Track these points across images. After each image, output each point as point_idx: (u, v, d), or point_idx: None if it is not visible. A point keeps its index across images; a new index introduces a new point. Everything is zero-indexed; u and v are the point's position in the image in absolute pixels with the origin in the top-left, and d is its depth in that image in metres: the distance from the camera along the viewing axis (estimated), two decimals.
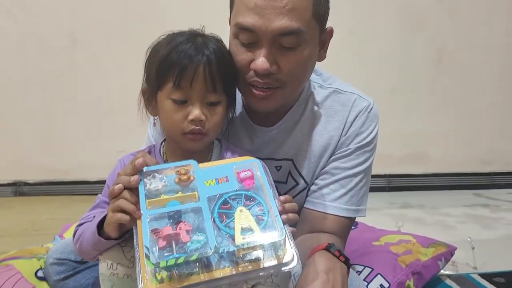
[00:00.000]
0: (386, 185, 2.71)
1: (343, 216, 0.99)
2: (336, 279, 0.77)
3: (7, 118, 2.37)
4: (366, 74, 2.55)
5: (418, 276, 1.27)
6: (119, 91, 2.39)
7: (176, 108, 0.81)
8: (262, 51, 0.84)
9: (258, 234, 0.66)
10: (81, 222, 0.85)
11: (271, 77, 0.86)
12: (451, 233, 1.92)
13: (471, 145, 2.77)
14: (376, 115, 1.04)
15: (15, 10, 2.30)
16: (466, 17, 2.65)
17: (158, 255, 0.63)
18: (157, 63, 0.82)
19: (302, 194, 1.03)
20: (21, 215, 2.09)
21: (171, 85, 0.80)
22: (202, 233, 0.66)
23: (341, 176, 1.00)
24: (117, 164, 0.91)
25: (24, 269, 1.06)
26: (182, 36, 0.83)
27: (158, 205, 0.70)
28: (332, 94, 1.03)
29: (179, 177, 0.73)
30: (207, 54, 0.80)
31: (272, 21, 0.82)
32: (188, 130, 0.81)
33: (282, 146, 1.01)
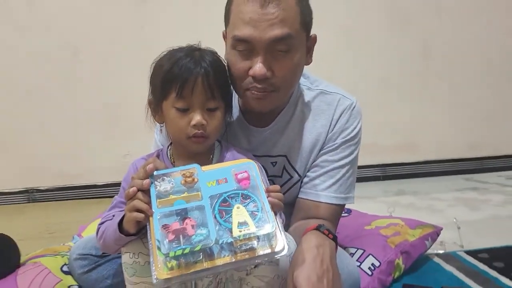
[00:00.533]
0: (380, 174, 2.83)
1: (333, 203, 1.10)
2: (325, 252, 0.89)
3: (18, 128, 2.47)
4: (358, 70, 2.66)
5: (407, 255, 1.39)
6: (122, 100, 2.51)
7: (180, 116, 0.92)
8: (259, 59, 0.95)
9: (252, 227, 0.77)
10: (103, 221, 0.95)
11: (267, 82, 0.97)
12: (440, 215, 2.04)
13: (459, 133, 2.89)
14: (359, 112, 1.15)
15: (23, 24, 2.40)
16: (451, 12, 2.76)
17: (168, 246, 0.74)
18: (161, 76, 0.93)
19: (296, 186, 1.15)
20: (36, 220, 2.20)
21: (174, 96, 0.91)
22: (205, 227, 0.77)
23: (329, 168, 1.11)
24: (130, 168, 1.01)
25: (51, 265, 1.17)
26: (181, 51, 0.94)
27: (167, 204, 0.81)
28: (319, 95, 1.14)
29: (184, 179, 0.84)
30: (204, 66, 0.91)
31: (266, 32, 0.93)
32: (191, 134, 0.92)
33: (276, 144, 1.13)
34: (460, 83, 2.84)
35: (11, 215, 2.33)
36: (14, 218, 2.28)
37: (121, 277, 1.14)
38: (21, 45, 2.41)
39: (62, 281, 1.13)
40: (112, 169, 2.52)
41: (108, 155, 2.53)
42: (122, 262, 0.92)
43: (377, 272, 1.29)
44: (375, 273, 1.29)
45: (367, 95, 2.64)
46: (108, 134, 2.54)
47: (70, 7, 2.41)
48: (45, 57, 2.43)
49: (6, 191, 2.50)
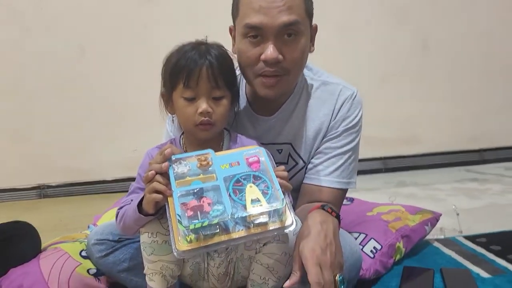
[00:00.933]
0: (382, 167, 2.88)
1: (335, 187, 1.17)
2: (328, 228, 0.96)
3: (29, 126, 2.55)
4: (357, 65, 2.72)
5: (407, 239, 1.44)
6: (129, 97, 2.57)
7: (187, 105, 0.98)
8: (270, 43, 1.02)
9: (264, 203, 0.84)
10: (122, 206, 1.01)
11: (278, 65, 1.03)
12: (440, 204, 2.09)
13: (459, 125, 2.95)
14: (359, 101, 1.21)
15: (30, 25, 2.48)
16: (447, 6, 2.81)
17: (188, 220, 0.81)
18: (170, 69, 1.00)
19: (301, 172, 1.21)
20: (49, 214, 2.27)
21: (182, 86, 0.98)
22: (220, 204, 0.83)
23: (332, 154, 1.18)
24: (145, 156, 1.07)
25: (70, 250, 1.23)
26: (189, 45, 1.01)
27: (185, 184, 0.87)
28: (321, 85, 1.20)
29: (200, 162, 0.90)
30: (209, 58, 0.98)
31: (276, 18, 1.00)
32: (198, 122, 0.98)
33: (281, 132, 1.19)
34: (459, 76, 2.90)
35: (24, 210, 2.40)
36: (27, 213, 2.35)
37: (137, 260, 1.21)
38: (28, 45, 2.49)
39: (82, 265, 1.19)
40: (121, 165, 2.59)
41: (117, 151, 2.60)
42: (141, 242, 0.98)
43: (378, 255, 1.35)
44: (377, 256, 1.34)
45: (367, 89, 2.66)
46: (116, 131, 2.60)
47: (75, 7, 2.49)
48: (51, 56, 2.51)
49: (19, 187, 2.58)
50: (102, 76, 2.57)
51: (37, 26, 2.48)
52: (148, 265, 0.99)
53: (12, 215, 2.30)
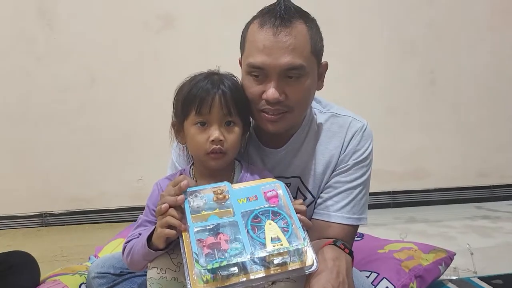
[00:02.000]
0: (391, 202, 2.83)
1: (346, 224, 1.12)
2: (341, 265, 0.91)
3: (33, 152, 2.53)
4: (364, 98, 2.71)
5: (421, 279, 1.39)
6: (136, 126, 2.57)
7: (199, 132, 0.96)
8: (272, 84, 1.00)
9: (285, 242, 0.80)
10: (129, 239, 0.98)
11: (280, 104, 1.02)
12: (452, 242, 2.03)
13: (468, 160, 2.91)
14: (370, 134, 1.18)
15: (41, 54, 2.50)
16: (453, 40, 2.83)
17: (205, 259, 0.77)
18: (182, 98, 0.99)
19: (310, 207, 1.17)
20: (50, 244, 2.22)
21: (194, 113, 0.96)
22: (239, 242, 0.79)
23: (342, 189, 1.13)
24: (154, 188, 1.04)
25: (70, 282, 1.19)
26: (201, 75, 1.01)
27: (201, 219, 0.84)
28: (331, 118, 1.18)
29: (216, 196, 0.87)
30: (222, 87, 0.97)
31: (279, 59, 0.98)
32: (210, 150, 0.96)
33: (290, 165, 1.16)
34: (466, 109, 2.88)
35: (25, 239, 2.35)
36: (28, 241, 2.31)
37: None
38: (39, 73, 2.51)
39: None
40: (125, 194, 2.56)
41: (121, 180, 2.58)
42: (148, 277, 0.94)
43: None
44: None
45: (375, 122, 2.65)
46: (122, 160, 2.58)
47: (87, 37, 2.52)
48: (60, 85, 2.52)
49: (20, 215, 2.54)
50: (109, 106, 2.57)
51: (48, 54, 2.51)
52: None
53: (13, 243, 2.27)
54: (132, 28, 2.56)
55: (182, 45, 2.58)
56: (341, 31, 2.65)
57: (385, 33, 2.77)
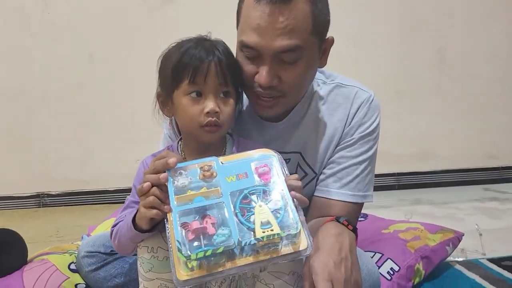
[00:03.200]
0: (395, 183, 2.76)
1: (350, 201, 1.05)
2: (344, 241, 0.84)
3: (30, 133, 2.48)
4: (371, 78, 2.60)
5: (427, 260, 1.33)
6: (133, 104, 2.50)
7: (193, 103, 0.88)
8: (265, 67, 0.92)
9: (276, 227, 0.73)
10: (116, 223, 0.91)
11: (273, 89, 0.94)
12: (459, 224, 1.97)
13: (477, 142, 2.82)
14: (377, 106, 1.10)
15: (38, 32, 2.43)
16: (465, 18, 2.72)
17: (189, 247, 0.70)
18: (172, 65, 0.90)
19: (311, 184, 1.10)
20: (46, 224, 2.18)
21: (187, 82, 0.88)
22: (226, 227, 0.73)
23: (347, 165, 1.06)
24: (140, 166, 0.97)
25: (58, 262, 1.14)
26: (191, 41, 0.92)
27: (186, 200, 0.77)
28: (335, 89, 1.10)
29: (203, 173, 0.80)
30: (217, 54, 0.89)
31: (273, 41, 0.89)
32: (205, 122, 0.88)
33: (290, 140, 1.08)
34: (476, 90, 2.79)
35: (22, 219, 2.32)
36: (25, 222, 2.27)
37: (130, 276, 1.12)
38: (36, 51, 2.43)
39: (69, 279, 1.10)
40: (123, 175, 2.50)
41: (119, 160, 2.52)
42: (138, 256, 0.88)
43: (396, 277, 1.24)
44: (394, 278, 1.24)
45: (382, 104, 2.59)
46: (120, 140, 2.53)
47: (84, 14, 2.43)
48: (57, 64, 2.45)
49: (18, 195, 2.50)
50: (107, 84, 2.50)
51: (43, 30, 2.43)
52: (144, 283, 0.88)
53: (10, 223, 2.21)
54: (130, 2, 2.47)
55: (182, 19, 2.49)
56: (346, 10, 2.54)
57: (393, 11, 2.66)
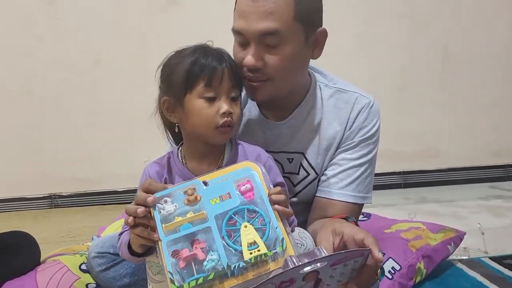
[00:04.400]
0: (401, 182, 2.78)
1: (351, 202, 1.09)
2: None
3: (41, 135, 2.53)
4: (373, 75, 2.63)
5: (428, 259, 1.35)
6: (141, 105, 2.53)
7: (208, 105, 0.92)
8: (250, 50, 0.98)
9: (263, 247, 0.75)
10: (121, 231, 0.95)
11: (259, 71, 0.99)
12: (463, 222, 1.98)
13: (481, 139, 2.81)
14: (377, 111, 1.14)
15: (45, 35, 2.48)
16: (468, 15, 2.71)
17: (181, 276, 0.73)
18: (185, 71, 0.93)
19: (313, 184, 1.14)
20: (58, 225, 2.24)
21: (203, 85, 0.91)
22: (214, 251, 0.75)
23: (347, 166, 1.10)
24: (142, 173, 1.01)
25: (69, 263, 1.18)
26: (199, 49, 0.95)
27: (173, 228, 0.79)
28: (336, 93, 1.13)
29: (187, 198, 0.82)
30: (227, 60, 0.94)
31: (255, 24, 0.96)
32: (221, 123, 0.92)
33: (292, 140, 1.12)
34: (481, 87, 2.78)
35: (35, 220, 2.38)
36: (37, 222, 2.33)
37: (139, 276, 1.16)
38: (42, 54, 2.48)
39: (81, 279, 1.14)
40: (132, 175, 2.52)
41: (128, 161, 2.56)
42: (146, 260, 0.91)
43: (397, 276, 1.27)
44: (395, 277, 1.27)
45: (386, 101, 2.57)
46: (128, 141, 2.57)
47: (90, 17, 2.48)
48: (64, 66, 2.49)
49: (30, 197, 2.56)
50: (114, 86, 2.54)
51: (51, 35, 2.48)
52: (153, 285, 0.92)
53: (23, 224, 2.29)
54: (136, 7, 2.51)
55: (186, 23, 2.52)
56: (351, 7, 2.56)
57: (396, 6, 2.66)
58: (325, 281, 0.74)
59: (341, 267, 0.73)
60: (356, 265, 0.76)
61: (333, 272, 0.73)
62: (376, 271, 0.81)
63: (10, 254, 1.14)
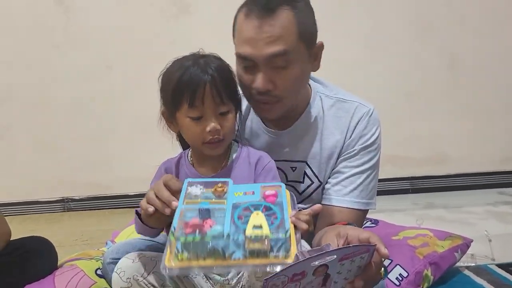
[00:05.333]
0: (409, 187, 2.79)
1: (355, 208, 1.13)
2: None
3: (54, 139, 2.58)
4: (381, 81, 2.65)
5: (436, 266, 1.37)
6: (152, 111, 2.58)
7: (194, 124, 0.96)
8: (260, 73, 1.01)
9: (266, 229, 0.76)
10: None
11: (269, 94, 1.03)
12: (471, 229, 1.99)
13: (489, 145, 2.82)
14: (376, 119, 1.17)
15: (58, 42, 2.54)
16: (475, 21, 2.72)
17: (181, 233, 0.75)
18: (171, 88, 0.97)
19: (317, 191, 1.18)
20: (71, 228, 2.28)
21: (187, 106, 0.95)
22: (221, 225, 0.78)
23: (350, 174, 1.14)
24: (157, 170, 1.09)
25: (86, 267, 1.22)
26: (187, 60, 0.99)
27: (193, 203, 0.83)
28: (337, 103, 1.18)
29: (216, 188, 0.87)
30: (210, 73, 0.95)
31: (263, 49, 0.99)
32: (207, 140, 0.97)
33: (295, 149, 1.17)
34: (489, 93, 2.79)
35: (48, 223, 2.42)
36: (51, 226, 2.38)
37: None
38: (57, 61, 2.53)
39: (97, 283, 1.18)
40: (143, 180, 2.56)
41: (140, 166, 2.59)
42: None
43: (405, 283, 1.29)
44: (403, 284, 1.29)
45: (394, 107, 2.64)
46: (140, 146, 2.61)
47: (104, 25, 2.53)
48: (78, 72, 2.54)
49: (44, 200, 2.61)
50: (126, 92, 2.59)
51: (65, 42, 2.53)
52: None
53: (36, 227, 2.33)
54: (149, 15, 2.56)
55: (198, 30, 2.56)
56: (356, 13, 2.57)
57: (402, 14, 2.68)
58: (333, 277, 0.76)
59: (348, 263, 0.75)
60: (362, 262, 0.78)
61: (340, 268, 0.75)
62: (381, 268, 0.84)
63: (29, 258, 1.18)
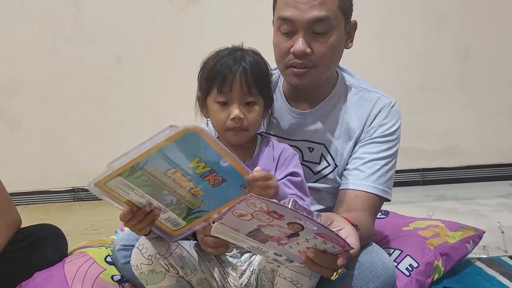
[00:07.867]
0: (420, 179, 2.77)
1: (372, 192, 1.13)
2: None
3: (65, 130, 2.62)
4: (394, 73, 2.63)
5: (446, 257, 1.35)
6: (161, 103, 2.59)
7: (220, 109, 1.01)
8: (299, 36, 1.05)
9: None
10: None
11: (306, 58, 1.07)
12: (483, 220, 1.96)
13: (502, 137, 2.78)
14: (397, 111, 1.19)
15: (71, 35, 2.56)
16: (490, 12, 2.68)
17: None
18: (206, 74, 1.03)
19: (333, 173, 1.20)
20: (81, 218, 2.32)
21: (216, 91, 1.00)
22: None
23: (368, 159, 1.16)
24: None
25: (95, 255, 1.22)
26: (225, 51, 1.04)
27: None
28: (360, 92, 1.21)
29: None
30: (243, 64, 1.00)
31: (306, 12, 1.04)
32: (230, 127, 1.00)
33: (315, 131, 1.19)
34: (503, 85, 2.74)
35: (59, 212, 2.46)
36: (61, 215, 2.42)
37: None
38: (68, 54, 2.56)
39: (106, 271, 1.18)
40: None
41: None
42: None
43: (415, 273, 1.27)
44: (413, 274, 1.27)
45: (406, 99, 2.58)
46: (147, 136, 2.61)
47: (113, 17, 2.55)
48: (89, 64, 2.57)
49: (55, 190, 2.64)
50: (135, 84, 2.60)
51: (75, 34, 2.55)
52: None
53: (47, 217, 2.36)
54: (157, 6, 2.56)
55: (207, 22, 2.56)
56: (372, 5, 2.55)
57: (417, 4, 2.65)
58: (300, 239, 0.78)
59: (321, 241, 0.77)
60: (331, 249, 0.79)
61: (312, 238, 0.76)
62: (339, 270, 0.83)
63: (39, 246, 1.19)
